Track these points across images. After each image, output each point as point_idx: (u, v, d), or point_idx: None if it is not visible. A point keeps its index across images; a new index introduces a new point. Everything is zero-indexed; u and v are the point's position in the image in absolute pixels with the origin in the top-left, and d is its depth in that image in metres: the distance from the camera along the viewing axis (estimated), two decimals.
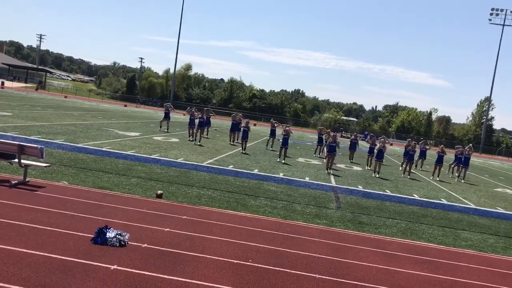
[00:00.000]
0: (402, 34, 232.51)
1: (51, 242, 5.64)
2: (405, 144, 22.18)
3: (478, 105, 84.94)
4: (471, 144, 24.34)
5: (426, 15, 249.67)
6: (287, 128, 19.44)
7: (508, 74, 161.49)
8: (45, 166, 9.35)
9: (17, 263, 4.88)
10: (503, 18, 69.20)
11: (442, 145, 22.52)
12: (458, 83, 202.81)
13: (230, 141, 23.53)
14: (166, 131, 24.85)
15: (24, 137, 14.54)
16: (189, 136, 22.05)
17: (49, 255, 5.22)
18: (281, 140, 19.02)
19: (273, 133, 23.38)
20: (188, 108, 23.96)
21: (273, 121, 23.95)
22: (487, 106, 78.31)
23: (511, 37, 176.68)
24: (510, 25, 69.42)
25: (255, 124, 49.60)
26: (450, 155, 25.51)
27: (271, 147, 23.13)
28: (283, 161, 18.13)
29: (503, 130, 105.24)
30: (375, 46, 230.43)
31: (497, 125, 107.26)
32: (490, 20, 70.28)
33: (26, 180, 8.69)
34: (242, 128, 21.15)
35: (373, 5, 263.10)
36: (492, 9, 69.55)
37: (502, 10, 69.06)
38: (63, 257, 5.20)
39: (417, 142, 23.79)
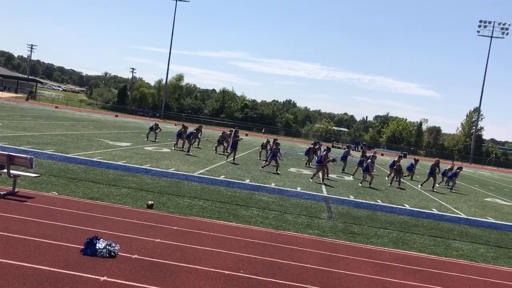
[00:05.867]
0: (392, 45, 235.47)
1: (40, 254, 5.57)
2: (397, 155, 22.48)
3: (467, 115, 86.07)
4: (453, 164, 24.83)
5: (415, 26, 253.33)
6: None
7: (497, 84, 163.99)
8: (34, 177, 9.24)
9: (4, 275, 4.80)
10: (491, 30, 70.49)
11: (437, 158, 23.33)
12: (448, 93, 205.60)
13: (215, 151, 23.75)
14: (154, 140, 25.23)
15: (14, 147, 14.41)
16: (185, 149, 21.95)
17: (38, 266, 5.15)
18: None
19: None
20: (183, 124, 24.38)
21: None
22: (476, 117, 79.27)
23: (499, 48, 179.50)
24: (498, 37, 70.69)
25: (246, 135, 49.61)
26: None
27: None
28: (277, 171, 18.26)
29: (493, 140, 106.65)
30: (364, 57, 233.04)
31: (486, 135, 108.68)
32: (478, 32, 71.49)
33: (15, 190, 8.59)
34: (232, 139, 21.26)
35: (363, 16, 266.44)
36: (480, 21, 70.82)
37: (490, 22, 70.32)
38: (51, 269, 5.13)
39: (406, 154, 24.36)
